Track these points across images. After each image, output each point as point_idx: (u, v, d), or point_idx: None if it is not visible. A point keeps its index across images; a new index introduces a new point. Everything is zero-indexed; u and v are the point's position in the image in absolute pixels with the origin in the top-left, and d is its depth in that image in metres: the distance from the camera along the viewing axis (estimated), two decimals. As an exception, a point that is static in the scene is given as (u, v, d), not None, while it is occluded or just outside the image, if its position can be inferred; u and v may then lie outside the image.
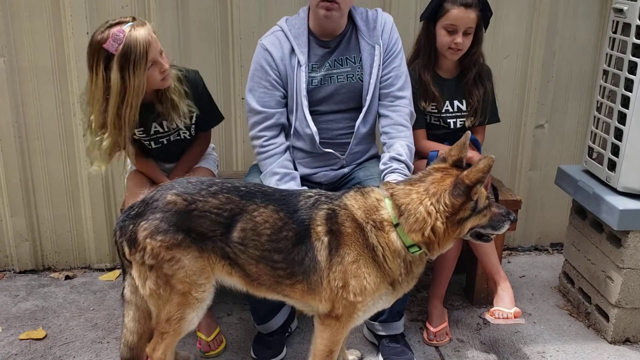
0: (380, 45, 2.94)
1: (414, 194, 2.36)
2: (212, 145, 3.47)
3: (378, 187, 2.49)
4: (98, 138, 2.74)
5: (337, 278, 2.37)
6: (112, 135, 2.71)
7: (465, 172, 2.30)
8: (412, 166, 2.91)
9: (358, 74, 2.96)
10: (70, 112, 3.61)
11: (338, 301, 2.40)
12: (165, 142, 3.06)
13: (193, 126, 3.07)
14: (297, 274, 2.41)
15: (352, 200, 2.44)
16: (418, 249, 2.38)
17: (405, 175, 2.79)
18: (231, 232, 2.39)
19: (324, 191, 2.56)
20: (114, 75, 2.58)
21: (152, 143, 3.05)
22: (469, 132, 2.48)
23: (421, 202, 2.33)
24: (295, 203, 2.45)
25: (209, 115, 3.13)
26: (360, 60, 2.96)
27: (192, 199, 2.40)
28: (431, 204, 2.31)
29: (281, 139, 2.95)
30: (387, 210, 2.39)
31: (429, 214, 2.31)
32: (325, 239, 2.37)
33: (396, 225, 2.36)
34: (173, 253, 2.37)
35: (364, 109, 2.97)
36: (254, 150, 2.98)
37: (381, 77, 2.97)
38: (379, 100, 3.00)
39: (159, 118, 2.93)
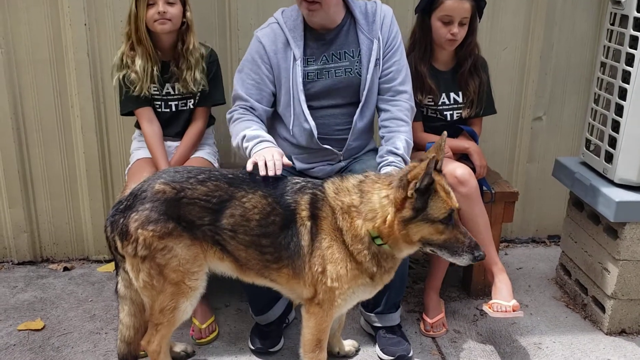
0: (379, 40, 2.93)
1: (378, 183, 2.38)
2: (213, 140, 3.48)
3: (360, 175, 2.50)
4: (129, 60, 3.14)
5: (317, 263, 2.41)
6: (140, 55, 3.11)
7: (411, 168, 2.31)
8: (409, 160, 2.91)
9: (357, 69, 2.95)
10: (68, 103, 3.61)
11: (319, 286, 2.44)
12: (173, 107, 3.26)
13: (198, 94, 3.26)
14: (283, 259, 2.44)
15: (330, 185, 2.48)
16: (380, 241, 2.38)
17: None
18: (220, 219, 2.41)
19: (310, 179, 2.59)
20: (132, 4, 3.08)
21: (163, 105, 3.25)
22: (445, 133, 2.46)
23: (378, 192, 2.35)
24: (282, 188, 2.47)
25: (214, 89, 3.31)
26: (359, 54, 2.95)
27: (180, 187, 2.42)
28: (385, 195, 2.33)
29: (260, 120, 2.90)
30: (356, 196, 2.40)
31: (381, 205, 2.33)
32: (308, 224, 2.41)
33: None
34: (165, 242, 2.38)
35: (361, 104, 2.96)
36: (229, 121, 2.93)
37: (382, 72, 2.96)
38: (380, 94, 3.00)
39: (173, 78, 3.19)
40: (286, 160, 2.60)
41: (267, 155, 2.55)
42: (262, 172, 2.49)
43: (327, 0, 2.80)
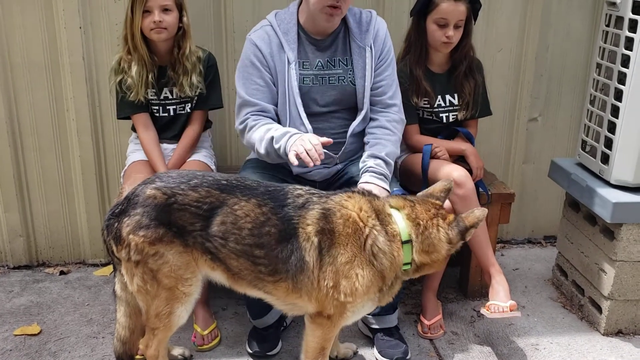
0: (371, 48, 2.93)
1: (437, 218, 2.45)
2: (210, 143, 3.47)
3: (388, 198, 2.55)
4: (126, 64, 3.13)
5: (328, 278, 2.37)
6: (136, 61, 3.11)
7: (464, 215, 2.47)
8: (392, 163, 2.93)
9: (350, 77, 2.95)
10: (64, 107, 3.59)
11: (328, 301, 2.41)
12: (171, 111, 3.25)
13: (196, 98, 3.26)
14: (280, 272, 2.40)
15: (356, 203, 2.43)
16: (408, 267, 2.45)
17: (381, 173, 2.80)
18: (211, 226, 2.39)
19: (315, 190, 2.54)
20: (128, 10, 3.07)
21: (160, 110, 3.25)
22: (452, 180, 2.64)
23: (442, 230, 2.43)
24: (282, 200, 2.42)
25: (212, 93, 3.30)
26: (352, 63, 2.95)
27: (171, 193, 2.39)
28: (445, 233, 2.44)
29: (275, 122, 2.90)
30: (400, 224, 2.43)
31: (440, 242, 2.44)
32: (315, 239, 2.36)
33: (404, 242, 2.42)
34: (156, 248, 2.37)
35: (363, 112, 2.96)
36: (243, 132, 2.90)
37: (373, 84, 2.97)
38: (370, 105, 3.01)
39: (170, 83, 3.20)
40: (324, 139, 2.61)
41: (305, 145, 2.55)
42: (310, 164, 2.53)
43: (347, 3, 2.81)
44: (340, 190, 2.55)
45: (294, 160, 2.57)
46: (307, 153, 2.54)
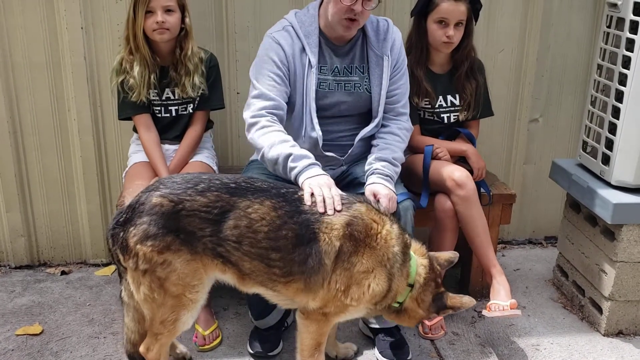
0: (388, 57, 2.93)
1: (432, 286, 2.59)
2: (211, 144, 3.48)
3: (412, 240, 2.62)
4: (128, 65, 3.13)
5: (340, 281, 2.40)
6: (138, 62, 3.11)
7: (453, 295, 2.61)
8: (399, 165, 2.94)
9: (366, 85, 2.96)
10: (65, 107, 3.59)
11: (332, 302, 2.44)
12: (173, 112, 3.27)
13: (198, 99, 3.26)
14: (294, 274, 2.41)
15: (387, 224, 2.50)
16: (397, 305, 2.58)
17: (387, 175, 2.80)
18: (222, 230, 2.37)
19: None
20: (130, 10, 3.08)
21: (162, 110, 3.25)
22: (458, 255, 2.74)
23: (430, 293, 2.59)
24: (299, 204, 2.44)
25: (213, 94, 3.30)
26: (368, 70, 2.96)
27: (178, 199, 2.36)
28: (430, 299, 2.59)
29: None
30: (412, 267, 2.55)
31: (426, 302, 2.60)
32: (337, 244, 2.39)
33: (408, 284, 2.55)
34: (165, 256, 2.35)
35: (376, 120, 2.97)
36: (254, 126, 2.75)
37: (388, 92, 2.98)
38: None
39: (172, 83, 3.20)
40: (341, 196, 2.59)
41: (324, 191, 2.48)
42: (320, 209, 2.44)
43: (365, 15, 2.81)
44: (372, 202, 2.59)
45: (308, 199, 2.48)
46: (325, 200, 2.47)
